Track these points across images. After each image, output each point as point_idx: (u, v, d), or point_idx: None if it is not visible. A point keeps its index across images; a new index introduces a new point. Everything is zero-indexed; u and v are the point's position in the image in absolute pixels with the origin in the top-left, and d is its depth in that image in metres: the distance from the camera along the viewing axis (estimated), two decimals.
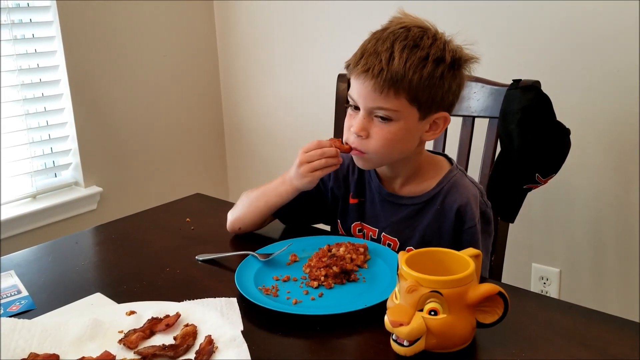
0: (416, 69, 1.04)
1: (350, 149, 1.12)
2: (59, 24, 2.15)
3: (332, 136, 1.66)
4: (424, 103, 1.07)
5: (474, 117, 1.46)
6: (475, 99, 1.44)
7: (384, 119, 1.07)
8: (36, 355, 0.83)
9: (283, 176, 1.21)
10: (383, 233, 1.20)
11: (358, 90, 1.08)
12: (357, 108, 1.10)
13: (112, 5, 2.30)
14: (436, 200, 1.15)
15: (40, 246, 1.29)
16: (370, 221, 1.22)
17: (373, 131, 1.08)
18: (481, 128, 1.45)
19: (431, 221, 1.15)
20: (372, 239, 1.21)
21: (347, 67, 1.11)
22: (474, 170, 1.46)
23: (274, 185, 1.22)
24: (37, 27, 2.17)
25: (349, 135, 1.12)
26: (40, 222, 2.16)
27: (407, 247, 1.16)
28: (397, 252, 1.14)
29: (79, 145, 2.26)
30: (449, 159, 1.22)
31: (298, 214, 1.27)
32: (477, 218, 1.14)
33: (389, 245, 1.19)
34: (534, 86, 1.37)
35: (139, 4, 2.39)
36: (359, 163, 1.16)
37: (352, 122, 1.10)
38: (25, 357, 0.83)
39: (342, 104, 1.64)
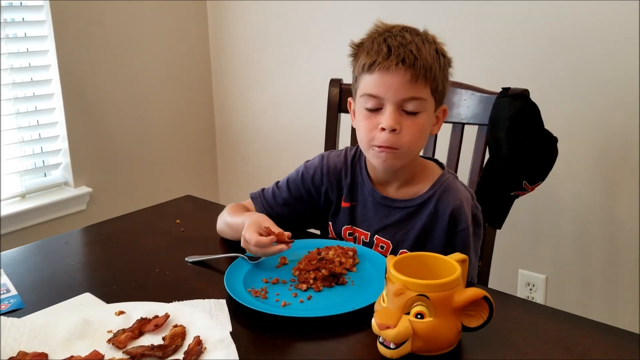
0: (436, 60, 1.09)
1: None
2: (51, 23, 2.15)
3: (323, 138, 1.67)
4: (439, 94, 1.12)
5: (463, 124, 1.47)
6: (465, 106, 1.46)
7: (412, 112, 1.08)
8: (25, 354, 0.83)
9: (244, 220, 1.15)
10: (376, 235, 1.21)
11: (389, 83, 1.07)
12: (373, 110, 1.10)
13: (105, 5, 2.30)
14: (430, 203, 1.16)
15: (30, 245, 1.29)
16: (362, 225, 1.23)
17: (404, 125, 1.09)
18: (470, 135, 1.47)
19: (425, 224, 1.16)
20: (364, 242, 1.22)
21: (371, 64, 1.09)
22: (463, 176, 1.47)
23: (239, 222, 1.17)
24: (30, 26, 2.16)
25: (374, 135, 1.10)
26: (29, 222, 2.16)
27: (401, 250, 1.18)
28: (390, 254, 1.16)
29: (69, 145, 2.26)
30: (440, 164, 1.24)
31: (289, 222, 1.26)
32: (470, 220, 1.16)
33: (382, 247, 1.20)
34: (523, 94, 1.38)
35: (132, 4, 2.39)
36: (388, 162, 1.12)
37: (378, 121, 1.09)
38: (14, 355, 0.83)
39: (334, 109, 1.65)
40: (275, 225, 1.11)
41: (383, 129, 1.08)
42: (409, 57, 1.06)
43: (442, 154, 1.50)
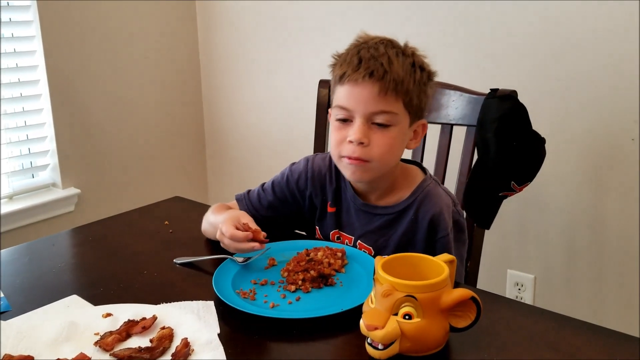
0: (410, 73, 1.07)
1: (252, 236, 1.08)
2: (39, 23, 2.13)
3: (312, 139, 1.67)
4: (415, 108, 1.10)
5: (452, 125, 1.48)
6: (454, 107, 1.46)
7: (383, 125, 1.07)
8: (11, 356, 0.82)
9: (225, 216, 1.15)
10: (359, 241, 1.20)
11: (358, 96, 1.07)
12: (345, 120, 1.10)
13: (93, 5, 2.29)
14: (410, 210, 1.15)
15: (17, 247, 1.28)
16: (347, 229, 1.23)
17: (373, 138, 1.08)
18: (459, 136, 1.48)
19: (405, 230, 1.16)
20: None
21: (341, 76, 1.09)
22: (452, 177, 1.48)
23: (220, 220, 1.16)
24: (17, 26, 2.15)
25: (343, 148, 1.10)
26: (16, 223, 2.14)
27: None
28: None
29: (57, 146, 2.25)
30: (422, 168, 1.22)
31: (274, 225, 1.26)
32: (450, 227, 1.14)
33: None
34: (511, 95, 1.39)
35: (120, 4, 2.38)
36: (357, 175, 1.12)
37: (348, 133, 1.09)
38: (0, 358, 0.82)
39: (323, 110, 1.65)
40: (254, 223, 1.11)
41: (351, 142, 1.08)
42: (379, 70, 1.05)
43: (430, 155, 1.51)
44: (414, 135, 1.15)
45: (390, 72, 1.05)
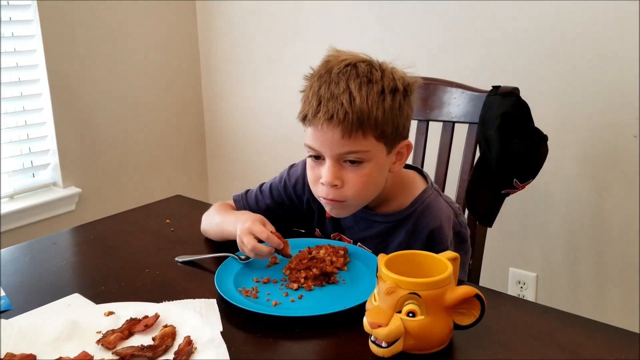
0: (378, 104, 1.00)
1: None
2: (39, 22, 2.13)
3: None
4: (390, 137, 1.04)
5: (453, 123, 1.47)
6: (456, 104, 1.46)
7: (355, 162, 1.03)
8: (13, 355, 0.82)
9: (239, 216, 1.14)
10: (359, 243, 1.20)
11: (322, 139, 1.02)
12: (317, 157, 1.06)
13: (93, 4, 2.29)
14: (409, 220, 1.12)
15: (18, 246, 1.28)
16: (347, 233, 1.21)
17: (347, 177, 1.04)
18: (461, 133, 1.47)
19: (403, 241, 1.13)
20: None
21: (304, 118, 1.04)
22: (453, 175, 1.48)
23: (230, 220, 1.16)
24: (17, 25, 2.15)
25: (317, 188, 1.07)
26: (17, 223, 2.14)
27: None
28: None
29: (58, 145, 2.24)
30: (423, 175, 1.19)
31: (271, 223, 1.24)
32: (450, 240, 1.12)
33: None
34: (513, 93, 1.39)
35: (120, 4, 2.38)
36: (335, 212, 1.10)
37: (320, 173, 1.05)
38: (2, 357, 0.82)
39: None
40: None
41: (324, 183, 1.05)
42: (338, 112, 0.98)
43: (432, 153, 1.50)
44: (398, 157, 1.10)
45: (352, 111, 0.98)
